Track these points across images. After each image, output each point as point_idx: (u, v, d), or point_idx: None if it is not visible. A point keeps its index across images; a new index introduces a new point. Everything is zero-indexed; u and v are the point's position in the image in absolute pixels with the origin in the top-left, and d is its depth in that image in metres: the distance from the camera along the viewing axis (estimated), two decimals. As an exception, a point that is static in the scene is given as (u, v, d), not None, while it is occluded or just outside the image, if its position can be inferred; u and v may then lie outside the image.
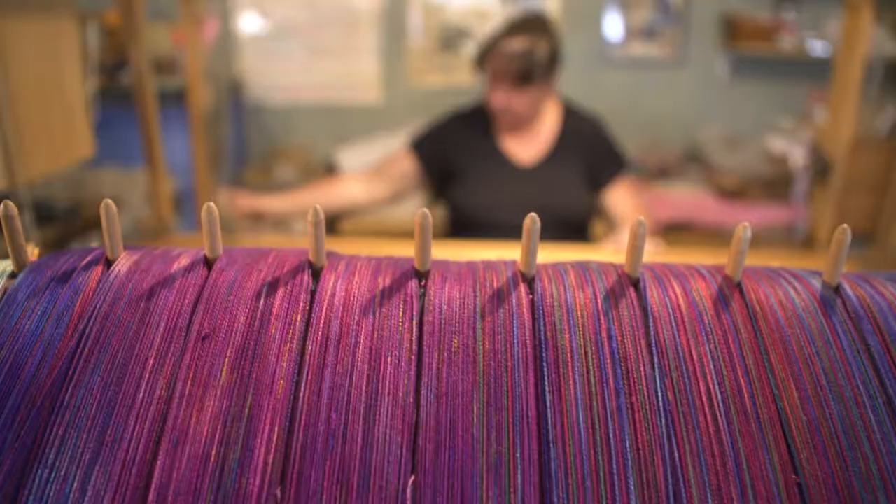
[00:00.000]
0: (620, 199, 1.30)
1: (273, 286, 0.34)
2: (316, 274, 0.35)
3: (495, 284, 0.34)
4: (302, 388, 0.31)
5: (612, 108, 2.29)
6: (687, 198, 2.04)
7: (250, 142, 2.36)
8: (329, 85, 2.30)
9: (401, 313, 0.33)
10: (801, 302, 0.35)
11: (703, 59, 2.32)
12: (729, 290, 0.35)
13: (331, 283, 0.34)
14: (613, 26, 2.28)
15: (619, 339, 0.32)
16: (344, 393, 0.31)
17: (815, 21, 2.23)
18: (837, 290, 0.36)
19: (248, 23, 2.23)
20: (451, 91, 2.23)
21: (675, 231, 1.96)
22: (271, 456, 0.29)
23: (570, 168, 1.28)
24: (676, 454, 0.29)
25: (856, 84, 1.30)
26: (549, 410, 0.30)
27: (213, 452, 0.29)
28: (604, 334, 0.32)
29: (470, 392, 0.31)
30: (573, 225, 1.28)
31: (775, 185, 2.03)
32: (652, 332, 0.33)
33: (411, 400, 0.30)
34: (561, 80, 1.17)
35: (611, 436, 0.30)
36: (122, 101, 1.25)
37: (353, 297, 0.34)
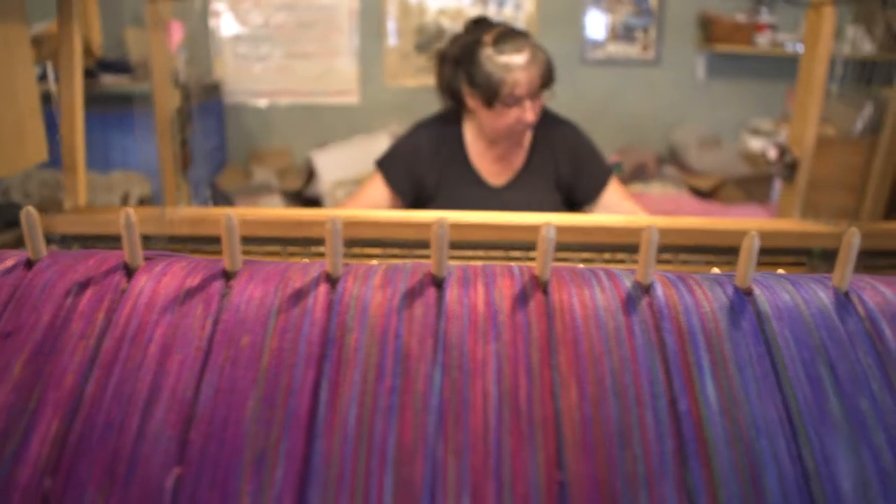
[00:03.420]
0: (616, 205, 1.19)
1: (84, 286, 0.35)
2: (133, 274, 0.36)
3: (298, 284, 0.35)
4: (90, 383, 0.32)
5: (589, 109, 2.29)
6: (664, 198, 2.03)
7: (229, 144, 2.40)
8: (307, 86, 2.34)
9: (199, 312, 0.34)
10: (604, 301, 0.35)
11: (681, 59, 2.30)
12: (532, 289, 0.35)
13: (141, 283, 0.35)
14: (590, 27, 2.27)
15: (406, 337, 0.33)
16: (128, 387, 0.32)
17: (792, 20, 2.20)
18: (648, 289, 0.36)
19: (226, 25, 2.28)
20: (428, 91, 2.24)
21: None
22: (46, 447, 0.30)
23: (543, 183, 1.20)
24: (440, 452, 0.30)
25: (820, 82, 1.28)
26: (321, 407, 0.31)
27: (-7, 444, 0.30)
28: (391, 333, 0.33)
29: (248, 389, 0.31)
30: None
31: (754, 185, 2.00)
32: (441, 331, 0.33)
33: (190, 395, 0.31)
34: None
35: (376, 433, 0.30)
36: (96, 105, 1.26)
37: (159, 296, 0.35)
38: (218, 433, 0.30)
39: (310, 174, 2.25)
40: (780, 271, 0.42)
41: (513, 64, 1.08)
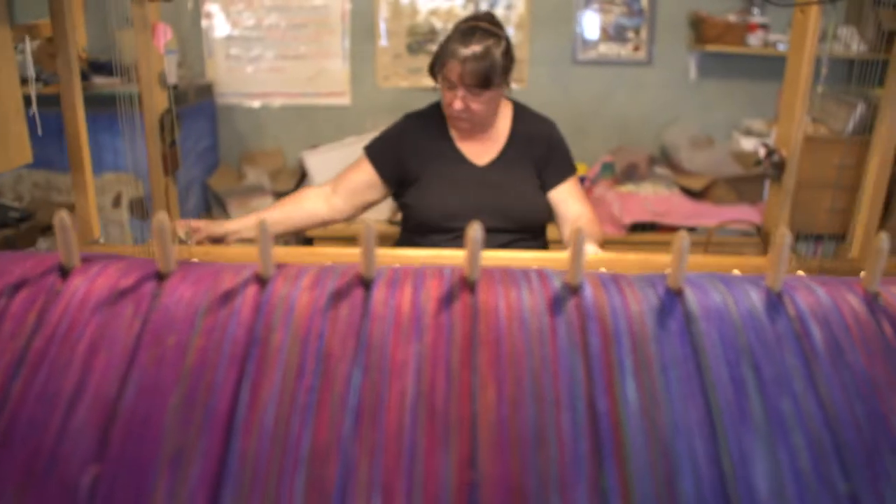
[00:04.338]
0: (569, 201, 1.29)
1: (18, 287, 0.36)
2: (68, 275, 0.37)
3: (228, 285, 0.35)
4: (17, 381, 0.32)
5: (580, 109, 2.29)
6: (656, 199, 2.02)
7: (221, 145, 2.41)
8: (299, 87, 2.36)
9: (130, 312, 0.34)
10: (530, 302, 0.35)
11: (673, 59, 2.29)
12: (459, 290, 0.35)
13: (75, 284, 0.36)
14: (582, 27, 2.27)
15: (329, 337, 0.33)
16: (54, 386, 0.32)
17: (784, 20, 2.19)
18: (577, 290, 0.36)
19: (219, 26, 2.30)
20: (419, 91, 2.25)
21: (639, 231, 1.94)
22: (-31, 446, 0.30)
23: (523, 167, 1.29)
24: (354, 452, 0.30)
25: (805, 82, 1.28)
26: (240, 406, 0.31)
27: (-83, 442, 0.31)
28: (314, 333, 0.33)
29: (171, 387, 0.32)
30: (529, 224, 1.28)
31: (745, 185, 1.99)
32: (365, 332, 0.33)
33: (113, 393, 0.32)
34: (530, 81, 1.12)
35: (292, 432, 0.30)
36: (88, 107, 1.27)
37: (91, 296, 0.35)
38: (138, 431, 0.31)
39: (302, 175, 2.26)
40: (736, 272, 0.42)
41: (455, 51, 1.18)
